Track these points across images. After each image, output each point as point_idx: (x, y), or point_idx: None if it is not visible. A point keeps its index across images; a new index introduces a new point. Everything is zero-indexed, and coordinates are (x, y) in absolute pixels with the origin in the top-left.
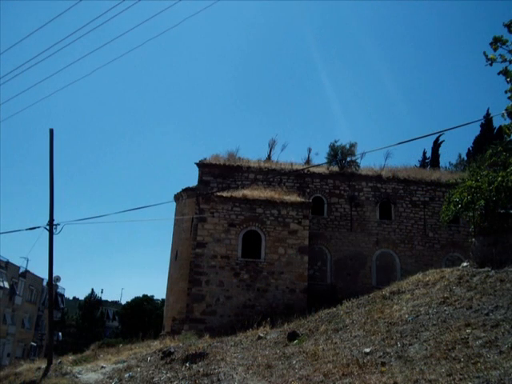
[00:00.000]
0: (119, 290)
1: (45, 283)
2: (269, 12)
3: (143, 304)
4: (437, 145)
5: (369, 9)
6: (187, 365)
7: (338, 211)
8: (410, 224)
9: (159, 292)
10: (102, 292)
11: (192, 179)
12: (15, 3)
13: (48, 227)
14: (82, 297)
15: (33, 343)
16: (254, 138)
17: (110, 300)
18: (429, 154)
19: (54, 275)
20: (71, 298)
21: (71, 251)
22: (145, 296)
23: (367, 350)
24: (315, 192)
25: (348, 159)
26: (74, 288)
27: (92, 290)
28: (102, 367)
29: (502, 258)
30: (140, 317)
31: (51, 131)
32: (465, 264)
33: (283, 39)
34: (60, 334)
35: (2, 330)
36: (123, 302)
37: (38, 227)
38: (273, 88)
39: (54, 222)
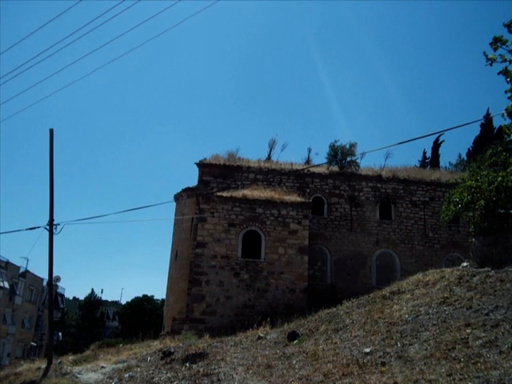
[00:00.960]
0: (119, 290)
1: (45, 283)
2: (269, 12)
3: (143, 304)
4: (437, 145)
5: (369, 9)
6: (187, 365)
7: (338, 211)
8: (410, 224)
9: (159, 292)
10: (102, 292)
11: (192, 179)
12: (15, 3)
13: (48, 227)
14: (82, 297)
15: (33, 343)
16: (254, 138)
17: (110, 300)
18: (429, 154)
19: (54, 275)
20: (71, 298)
21: (71, 251)
22: (145, 296)
23: (367, 350)
24: (315, 192)
25: (348, 159)
26: (74, 288)
27: (92, 289)
28: (102, 367)
29: (502, 258)
30: (140, 317)
31: (51, 131)
32: (465, 264)
33: (283, 39)
34: (60, 333)
35: (1, 330)
36: (123, 301)
37: (38, 227)
38: (273, 88)
39: (54, 222)
